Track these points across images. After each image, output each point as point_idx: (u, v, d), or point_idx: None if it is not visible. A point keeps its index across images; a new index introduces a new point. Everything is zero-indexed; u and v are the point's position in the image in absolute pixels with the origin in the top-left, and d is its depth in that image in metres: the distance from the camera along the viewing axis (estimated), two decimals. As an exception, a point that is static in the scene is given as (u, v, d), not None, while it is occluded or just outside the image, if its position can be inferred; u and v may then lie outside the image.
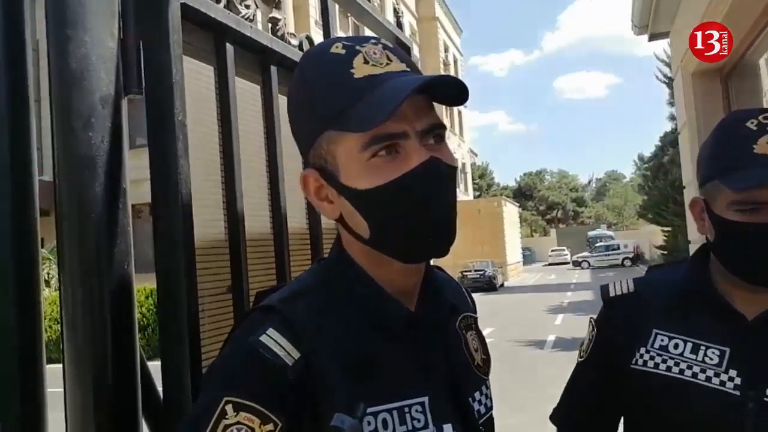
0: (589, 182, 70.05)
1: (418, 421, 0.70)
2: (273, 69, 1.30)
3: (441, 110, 31.03)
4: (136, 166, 1.09)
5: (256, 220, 1.22)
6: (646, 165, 28.67)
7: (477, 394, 0.81)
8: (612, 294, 1.11)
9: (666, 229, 20.99)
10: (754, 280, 0.95)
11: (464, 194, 36.54)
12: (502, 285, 27.14)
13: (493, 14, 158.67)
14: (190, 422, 0.68)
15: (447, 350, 0.79)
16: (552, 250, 46.55)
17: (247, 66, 1.24)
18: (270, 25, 1.33)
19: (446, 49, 34.43)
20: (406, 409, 0.70)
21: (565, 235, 52.02)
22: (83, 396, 0.85)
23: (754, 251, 0.92)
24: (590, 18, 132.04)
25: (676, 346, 0.99)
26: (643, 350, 1.01)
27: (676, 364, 0.97)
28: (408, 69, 0.73)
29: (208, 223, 1.07)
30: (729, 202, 0.93)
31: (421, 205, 0.70)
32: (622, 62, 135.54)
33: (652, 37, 4.49)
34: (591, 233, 46.07)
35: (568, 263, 42.02)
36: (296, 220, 1.37)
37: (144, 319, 10.56)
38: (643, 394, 1.01)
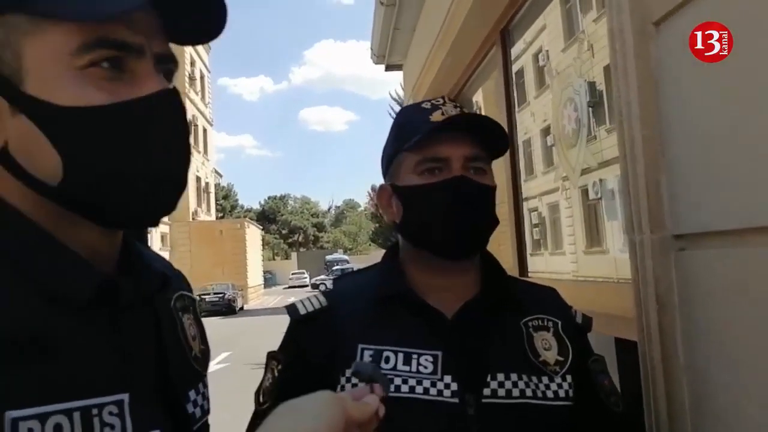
0: (329, 209, 74.00)
1: (112, 427, 0.50)
2: None
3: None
4: None
5: None
6: (379, 195, 31.45)
7: (192, 393, 0.62)
8: (303, 312, 0.93)
9: (394, 253, 23.18)
10: (441, 248, 0.90)
11: (206, 214, 35.17)
12: (242, 308, 26.62)
13: (244, 39, 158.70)
14: None
15: (159, 333, 0.59)
16: (292, 273, 47.54)
17: None
18: None
19: (193, 63, 33.02)
20: (95, 411, 0.49)
21: (305, 259, 53.68)
22: None
23: (437, 213, 0.89)
24: (333, 58, 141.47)
25: (387, 360, 0.86)
26: (349, 372, 0.85)
27: (390, 381, 0.84)
28: None
29: None
30: (413, 166, 0.91)
31: (150, 146, 0.52)
32: (360, 102, 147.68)
33: (389, 68, 4.84)
34: (329, 257, 48.38)
35: (308, 286, 43.37)
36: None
37: None
38: None
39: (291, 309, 0.94)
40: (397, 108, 20.10)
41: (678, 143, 0.95)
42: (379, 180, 1.02)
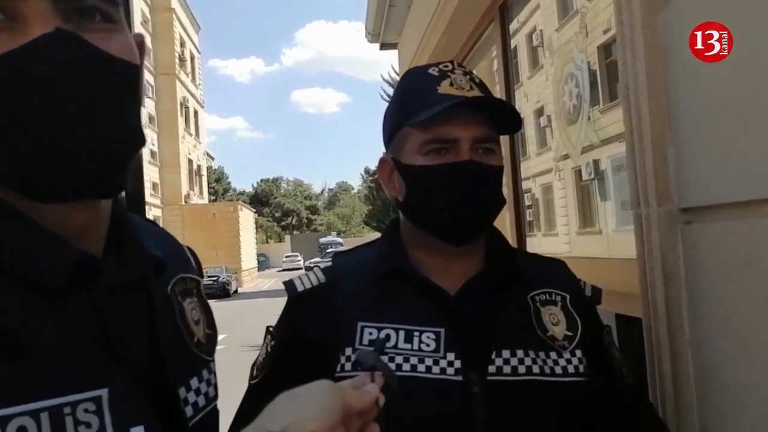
0: (322, 191, 73.76)
1: (88, 425, 0.46)
2: None
3: (176, 108, 29.30)
4: None
5: None
6: (372, 178, 31.45)
7: (195, 381, 0.59)
8: (300, 288, 0.91)
9: (387, 235, 23.24)
10: (445, 233, 0.87)
11: (199, 197, 35.02)
12: (236, 291, 26.64)
13: (234, 19, 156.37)
14: None
15: (150, 320, 0.56)
16: (286, 256, 47.49)
17: None
18: None
19: (183, 44, 32.58)
20: (67, 410, 0.46)
21: (299, 242, 53.66)
22: None
23: (442, 197, 0.85)
24: (325, 39, 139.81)
25: (388, 338, 0.83)
26: (349, 351, 0.83)
27: (391, 359, 0.81)
28: None
29: None
30: (419, 146, 0.87)
31: (36, 104, 0.44)
32: (353, 83, 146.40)
33: (383, 47, 4.79)
34: (322, 240, 48.30)
35: (302, 269, 43.37)
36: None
37: None
38: None
39: (289, 285, 0.93)
40: (390, 90, 19.94)
41: (685, 116, 0.94)
42: (372, 163, 1.00)
